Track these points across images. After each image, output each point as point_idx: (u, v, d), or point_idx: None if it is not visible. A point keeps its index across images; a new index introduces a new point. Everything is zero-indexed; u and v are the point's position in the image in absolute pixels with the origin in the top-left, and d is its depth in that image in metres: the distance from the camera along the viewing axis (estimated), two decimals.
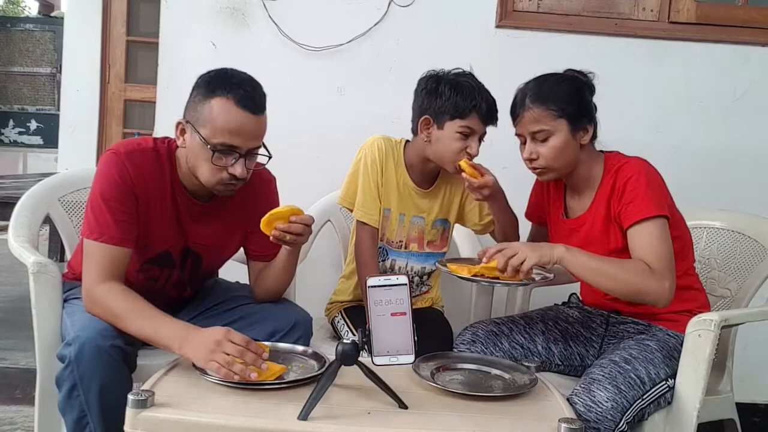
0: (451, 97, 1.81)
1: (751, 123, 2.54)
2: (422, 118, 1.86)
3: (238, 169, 1.52)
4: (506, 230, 1.95)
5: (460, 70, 1.88)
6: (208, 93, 1.52)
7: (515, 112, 1.72)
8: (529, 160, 1.71)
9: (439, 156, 1.87)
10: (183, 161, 1.60)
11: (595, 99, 1.74)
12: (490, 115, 1.84)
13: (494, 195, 1.84)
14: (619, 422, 1.46)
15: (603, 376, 1.51)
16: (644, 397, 1.52)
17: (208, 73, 1.57)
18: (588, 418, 1.44)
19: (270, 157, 1.62)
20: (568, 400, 1.44)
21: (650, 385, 1.54)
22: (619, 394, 1.48)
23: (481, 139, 1.86)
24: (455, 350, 1.75)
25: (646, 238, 1.58)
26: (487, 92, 1.85)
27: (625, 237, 1.64)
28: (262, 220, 1.50)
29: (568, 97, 1.67)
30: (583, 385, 1.50)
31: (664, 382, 1.57)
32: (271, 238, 1.52)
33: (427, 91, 1.86)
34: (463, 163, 1.80)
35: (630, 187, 1.63)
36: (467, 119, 1.81)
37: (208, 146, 1.50)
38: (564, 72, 1.74)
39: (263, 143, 1.58)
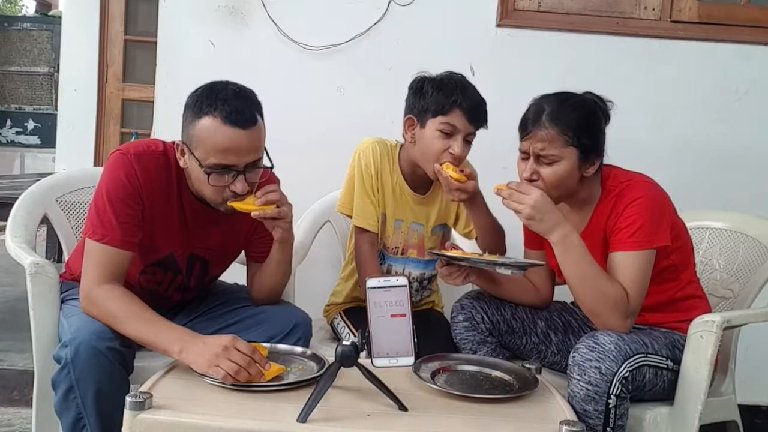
0: (433, 94, 1.75)
1: (754, 123, 2.53)
2: (406, 118, 1.83)
3: (238, 186, 1.49)
4: (487, 237, 1.86)
5: (452, 72, 1.81)
6: (195, 113, 1.48)
7: (527, 127, 1.60)
8: (528, 180, 1.61)
9: (422, 157, 1.81)
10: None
11: None
12: (475, 113, 1.75)
13: (471, 199, 1.77)
14: (621, 365, 1.46)
15: (607, 332, 1.52)
16: (647, 355, 1.52)
17: (196, 91, 1.52)
18: (590, 357, 1.46)
19: (272, 167, 1.59)
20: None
21: (652, 351, 1.54)
22: (622, 341, 1.49)
23: (467, 141, 1.77)
24: (456, 304, 1.77)
25: (631, 271, 1.55)
26: (475, 90, 1.77)
27: None
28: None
29: (587, 127, 1.59)
30: (587, 335, 1.53)
31: (664, 359, 1.56)
32: (252, 214, 1.51)
33: (413, 91, 1.83)
34: (446, 166, 1.73)
35: (628, 213, 1.58)
36: (448, 115, 1.74)
37: (203, 169, 1.48)
38: (584, 95, 1.64)
39: (265, 149, 1.55)
